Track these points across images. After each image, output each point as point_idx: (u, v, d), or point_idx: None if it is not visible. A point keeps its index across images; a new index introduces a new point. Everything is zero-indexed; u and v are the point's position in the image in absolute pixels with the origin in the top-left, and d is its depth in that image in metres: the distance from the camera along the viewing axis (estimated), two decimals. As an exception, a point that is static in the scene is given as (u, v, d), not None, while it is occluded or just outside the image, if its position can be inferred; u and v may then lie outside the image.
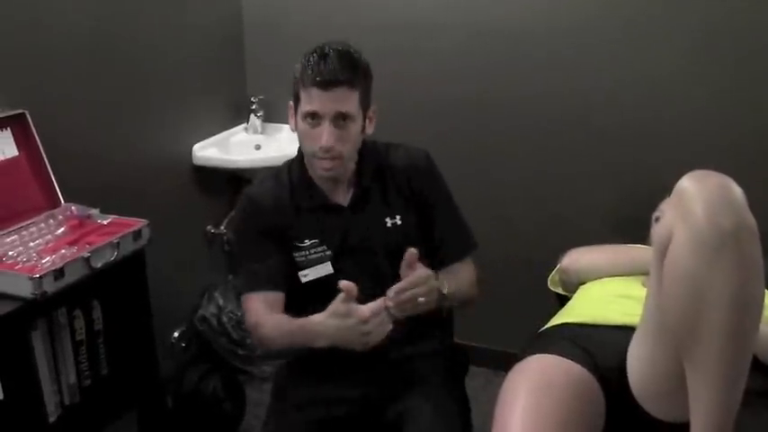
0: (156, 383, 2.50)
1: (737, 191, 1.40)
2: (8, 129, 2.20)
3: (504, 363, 1.95)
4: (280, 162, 3.09)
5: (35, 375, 2.09)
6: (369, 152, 2.04)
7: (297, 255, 2.00)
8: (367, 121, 1.97)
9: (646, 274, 1.74)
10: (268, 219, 2.01)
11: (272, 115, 3.35)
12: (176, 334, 3.10)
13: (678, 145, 2.76)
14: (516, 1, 2.88)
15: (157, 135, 2.92)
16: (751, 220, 1.39)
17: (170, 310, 2.94)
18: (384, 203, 2.03)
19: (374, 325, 1.72)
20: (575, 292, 2.19)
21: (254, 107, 3.29)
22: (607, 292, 2.04)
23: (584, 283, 2.18)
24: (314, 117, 1.88)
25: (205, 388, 2.85)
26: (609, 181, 2.92)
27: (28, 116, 2.22)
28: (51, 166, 2.26)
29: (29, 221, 2.19)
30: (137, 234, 2.21)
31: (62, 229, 2.18)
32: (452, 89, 3.05)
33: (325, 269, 2.00)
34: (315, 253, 2.00)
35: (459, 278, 2.01)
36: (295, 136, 3.24)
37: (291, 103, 1.97)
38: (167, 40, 2.89)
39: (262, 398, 3.03)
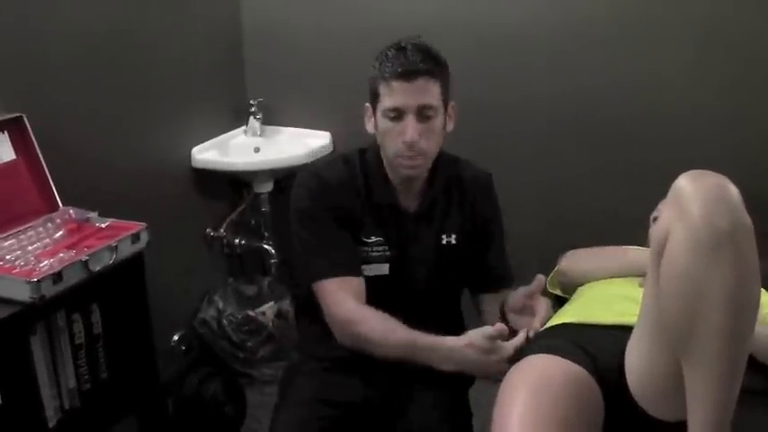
0: (155, 387, 2.50)
1: (734, 190, 1.40)
2: (5, 132, 2.20)
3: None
4: (279, 165, 3.11)
5: (34, 380, 2.09)
6: (442, 162, 2.01)
7: (360, 248, 1.97)
8: (447, 117, 1.95)
9: (643, 275, 1.74)
10: (340, 203, 1.96)
11: (272, 118, 3.34)
12: (176, 337, 3.10)
13: (681, 145, 2.74)
14: (518, 3, 2.88)
15: (156, 138, 2.92)
16: (747, 219, 1.39)
17: (170, 314, 2.94)
18: (447, 219, 2.01)
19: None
20: (573, 293, 2.19)
21: (253, 110, 3.29)
22: (605, 293, 2.05)
23: (582, 285, 2.18)
24: (396, 112, 1.84)
25: (205, 391, 2.85)
26: (609, 182, 2.91)
27: (25, 120, 2.22)
28: (49, 170, 2.26)
29: (27, 225, 2.19)
30: (135, 237, 2.21)
31: (60, 232, 2.18)
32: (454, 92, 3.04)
33: (382, 269, 1.97)
34: (377, 251, 1.97)
35: None
36: (295, 138, 3.28)
37: (368, 104, 1.94)
38: (166, 43, 2.90)
39: (263, 401, 3.03)
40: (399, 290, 1.96)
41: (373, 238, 1.97)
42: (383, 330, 1.83)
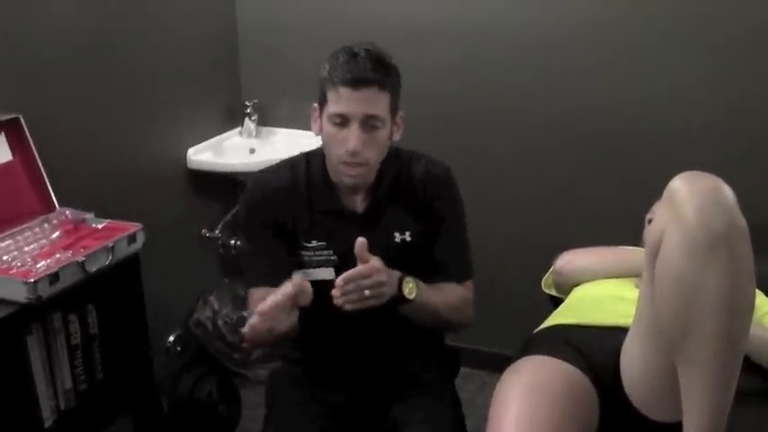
0: (151, 387, 2.51)
1: (728, 192, 1.40)
2: (2, 133, 2.21)
3: (499, 365, 1.94)
4: (274, 166, 3.09)
5: (30, 380, 2.09)
6: (390, 160, 1.97)
7: (302, 253, 1.95)
8: (395, 127, 1.91)
9: (639, 275, 1.75)
10: (278, 210, 1.94)
11: (267, 119, 3.35)
12: (171, 338, 3.10)
13: (684, 149, 2.74)
14: (519, 10, 2.87)
15: (152, 139, 2.92)
16: (742, 221, 1.39)
17: (165, 314, 2.94)
18: (397, 217, 1.97)
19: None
20: (568, 293, 2.20)
21: (248, 111, 3.29)
22: (600, 294, 2.05)
23: (577, 285, 2.19)
24: (341, 119, 1.81)
25: (200, 392, 2.85)
26: (604, 185, 2.92)
27: (22, 121, 2.22)
28: (46, 171, 2.26)
29: (23, 226, 2.19)
30: (131, 238, 2.22)
31: (57, 233, 2.18)
32: (452, 93, 3.05)
33: (328, 274, 1.93)
34: (320, 255, 1.94)
35: (443, 294, 1.95)
36: (290, 139, 3.28)
37: (316, 105, 1.92)
38: (161, 45, 2.89)
39: (257, 401, 3.01)
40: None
41: (314, 243, 1.94)
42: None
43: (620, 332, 1.72)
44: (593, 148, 2.90)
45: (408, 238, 1.97)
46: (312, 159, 2.01)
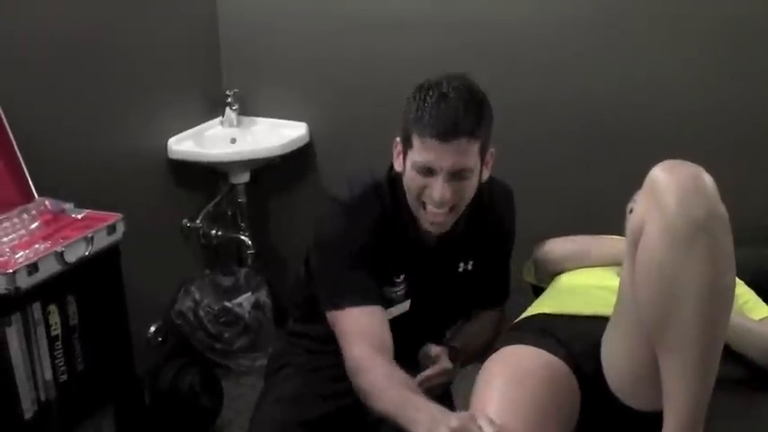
0: (132, 378, 2.50)
1: (708, 180, 1.41)
2: (-20, 123, 2.18)
3: (481, 354, 1.94)
4: (255, 156, 3.10)
5: (10, 371, 2.07)
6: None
7: (388, 290, 1.87)
8: (484, 167, 1.80)
9: (620, 264, 1.75)
10: (369, 243, 1.80)
11: (248, 108, 3.33)
12: (153, 329, 3.09)
13: (662, 140, 2.71)
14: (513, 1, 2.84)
15: (133, 129, 2.90)
16: (722, 209, 1.40)
17: (146, 305, 2.92)
18: (466, 247, 1.94)
19: None
20: (549, 282, 2.20)
21: (229, 100, 3.27)
22: (581, 283, 2.06)
23: (558, 274, 2.19)
24: (427, 170, 1.70)
25: (182, 382, 2.84)
26: (593, 175, 2.89)
27: (0, 110, 2.20)
28: (25, 161, 2.24)
29: (2, 216, 2.17)
30: (111, 228, 2.20)
31: (36, 223, 2.16)
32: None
33: (405, 307, 1.88)
34: (402, 289, 1.88)
35: (479, 328, 2.06)
36: (271, 129, 3.27)
37: (398, 139, 1.79)
38: (142, 34, 2.87)
39: (239, 392, 3.03)
40: (416, 322, 1.91)
41: (402, 277, 1.88)
42: (381, 381, 1.66)
43: (601, 321, 1.73)
44: (580, 138, 2.88)
45: (470, 268, 1.98)
46: (394, 187, 1.87)
